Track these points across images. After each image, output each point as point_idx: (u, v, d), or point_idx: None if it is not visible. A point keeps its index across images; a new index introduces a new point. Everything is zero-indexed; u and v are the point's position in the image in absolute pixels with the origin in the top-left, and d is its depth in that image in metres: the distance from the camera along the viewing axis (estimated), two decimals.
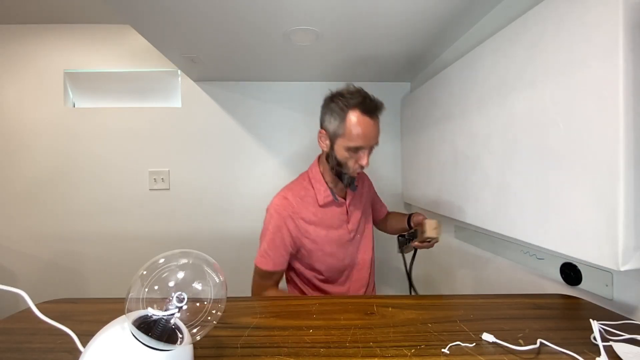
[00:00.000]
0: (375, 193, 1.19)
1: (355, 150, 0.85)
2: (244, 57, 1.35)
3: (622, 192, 0.55)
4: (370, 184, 1.15)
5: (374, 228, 1.17)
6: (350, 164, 0.87)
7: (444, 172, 1.23)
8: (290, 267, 1.00)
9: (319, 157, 0.99)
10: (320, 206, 0.94)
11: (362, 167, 0.88)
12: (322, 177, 0.96)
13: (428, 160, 1.38)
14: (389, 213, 1.23)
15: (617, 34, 0.55)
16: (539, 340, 0.49)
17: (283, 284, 1.03)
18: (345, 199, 0.99)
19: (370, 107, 0.84)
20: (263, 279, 0.92)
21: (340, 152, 0.87)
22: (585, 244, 0.62)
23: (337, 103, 0.85)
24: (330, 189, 0.96)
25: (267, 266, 0.90)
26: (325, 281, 0.98)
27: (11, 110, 1.66)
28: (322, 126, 0.91)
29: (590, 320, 0.53)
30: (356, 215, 1.01)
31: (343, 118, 0.84)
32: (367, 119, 0.83)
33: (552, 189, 0.71)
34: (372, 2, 0.93)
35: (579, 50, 0.63)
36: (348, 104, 0.83)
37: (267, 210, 0.94)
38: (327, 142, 0.90)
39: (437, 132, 1.29)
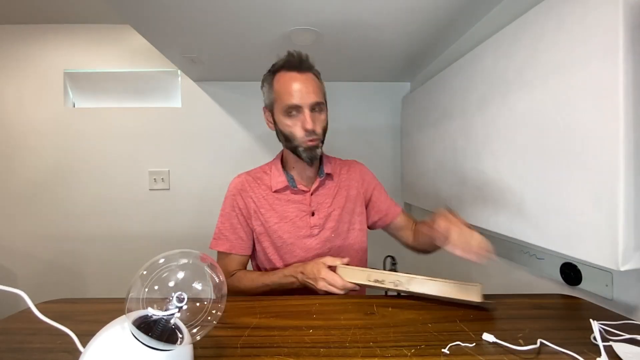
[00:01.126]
0: (378, 189, 0.96)
1: (292, 112, 0.77)
2: (244, 57, 1.35)
3: (622, 192, 0.55)
4: (366, 176, 0.95)
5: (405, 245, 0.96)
6: (296, 131, 0.77)
7: (444, 172, 1.23)
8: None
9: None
10: (273, 192, 0.86)
11: (310, 132, 0.76)
12: (280, 162, 0.89)
13: (428, 160, 1.38)
14: (416, 224, 0.94)
15: (617, 34, 0.55)
16: (539, 340, 0.48)
17: None
18: (309, 188, 0.87)
19: (294, 62, 0.78)
20: (224, 265, 0.85)
21: (281, 122, 0.79)
22: (585, 244, 0.62)
23: (265, 75, 0.83)
24: (289, 174, 0.86)
25: (222, 247, 0.84)
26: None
27: (11, 110, 1.66)
28: (264, 107, 0.87)
29: (590, 320, 0.53)
30: (326, 210, 0.86)
31: (271, 83, 0.81)
32: (294, 74, 0.77)
33: (552, 189, 0.71)
34: (372, 3, 0.93)
35: (579, 50, 0.63)
36: (273, 69, 0.81)
37: (225, 193, 0.90)
38: (270, 117, 0.84)
39: (437, 132, 1.29)
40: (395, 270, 0.74)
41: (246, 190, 0.87)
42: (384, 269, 0.81)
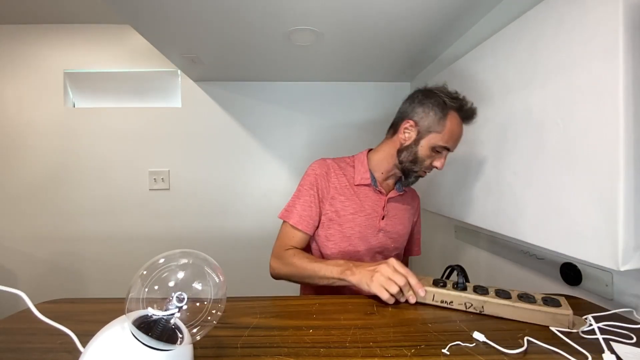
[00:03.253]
0: (418, 224, 1.04)
1: (440, 150, 0.83)
2: (244, 57, 1.35)
3: (622, 192, 0.55)
4: (418, 209, 1.03)
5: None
6: (427, 162, 0.84)
7: (443, 173, 1.23)
8: None
9: (370, 150, 0.95)
10: (355, 185, 0.89)
11: (435, 168, 0.85)
12: (367, 162, 0.91)
13: None
14: None
15: (617, 34, 0.55)
16: (526, 339, 0.49)
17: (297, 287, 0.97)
18: (386, 193, 0.91)
19: (469, 113, 0.84)
20: (285, 237, 0.85)
21: (425, 148, 0.83)
22: (585, 244, 0.62)
23: (438, 99, 0.82)
24: (372, 174, 0.90)
25: (291, 220, 0.84)
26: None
27: (11, 110, 1.66)
28: (409, 117, 0.85)
29: (591, 319, 0.53)
30: (396, 220, 0.92)
31: (444, 116, 0.81)
32: (462, 125, 0.83)
33: (552, 189, 0.71)
34: (372, 3, 0.93)
35: (579, 50, 0.63)
36: (453, 104, 0.81)
37: (305, 171, 0.91)
38: (414, 135, 0.84)
39: None
40: (464, 285, 0.62)
41: (330, 174, 0.89)
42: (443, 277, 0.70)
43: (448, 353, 0.46)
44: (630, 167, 0.55)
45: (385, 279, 0.63)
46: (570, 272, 0.75)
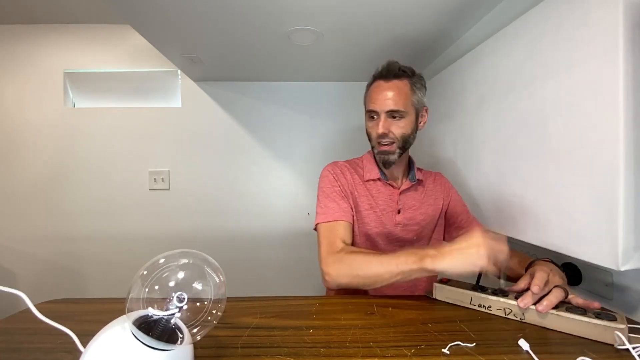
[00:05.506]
0: (461, 204, 0.95)
1: (373, 116, 0.84)
2: (244, 57, 1.35)
3: (622, 192, 0.55)
4: (450, 190, 0.96)
5: None
6: (372, 135, 0.85)
7: (443, 172, 1.23)
8: None
9: None
10: (365, 181, 0.90)
11: (381, 136, 0.82)
12: (373, 158, 0.92)
13: (428, 160, 1.38)
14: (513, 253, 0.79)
15: (617, 34, 0.55)
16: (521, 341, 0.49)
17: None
18: (399, 186, 0.90)
19: (382, 71, 0.84)
20: (329, 236, 0.78)
21: (365, 124, 0.87)
22: (585, 244, 0.62)
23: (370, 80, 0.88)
24: (380, 169, 0.90)
25: (328, 217, 0.80)
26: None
27: (11, 110, 1.66)
28: None
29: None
30: (413, 211, 0.89)
31: (367, 88, 0.87)
32: (380, 82, 0.83)
33: (552, 189, 0.71)
34: (372, 3, 0.93)
35: (579, 50, 0.63)
36: (373, 75, 0.86)
37: (320, 176, 0.92)
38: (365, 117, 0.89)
39: (437, 132, 1.29)
40: (505, 291, 0.60)
41: (344, 173, 0.91)
42: (477, 283, 0.65)
43: (448, 353, 0.46)
44: (630, 167, 0.55)
45: (494, 251, 0.58)
46: (570, 272, 0.75)
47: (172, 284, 0.41)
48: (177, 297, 0.39)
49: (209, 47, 1.25)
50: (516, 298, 0.58)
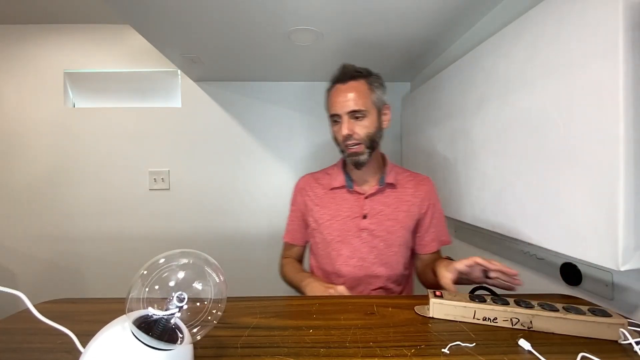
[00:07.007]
0: (430, 215, 0.90)
1: (336, 120, 0.85)
2: (244, 57, 1.35)
3: (622, 192, 0.55)
4: (428, 199, 0.90)
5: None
6: (339, 138, 0.85)
7: (444, 172, 1.23)
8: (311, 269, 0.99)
9: None
10: (330, 189, 0.92)
11: (347, 138, 0.82)
12: (342, 164, 0.95)
13: (428, 160, 1.38)
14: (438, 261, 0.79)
15: (617, 34, 0.55)
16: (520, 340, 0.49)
17: None
18: (368, 190, 0.89)
19: (338, 74, 0.85)
20: (284, 251, 1.02)
21: (331, 132, 0.88)
22: (585, 244, 0.62)
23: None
24: (349, 175, 0.91)
25: (285, 237, 1.00)
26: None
27: (11, 110, 1.66)
28: None
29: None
30: (381, 217, 0.87)
31: (328, 94, 0.88)
32: (338, 86, 0.84)
33: (552, 189, 0.71)
34: (372, 3, 0.93)
35: (579, 50, 0.63)
36: (329, 82, 0.88)
37: None
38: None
39: (437, 132, 1.29)
40: (506, 300, 0.58)
41: (306, 189, 0.97)
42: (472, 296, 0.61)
43: (448, 353, 0.46)
44: (630, 167, 0.55)
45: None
46: (570, 272, 0.75)
47: (172, 283, 0.41)
48: (177, 297, 0.39)
49: (209, 47, 1.25)
50: (516, 303, 0.56)
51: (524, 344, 0.48)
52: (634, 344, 0.47)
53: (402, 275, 0.91)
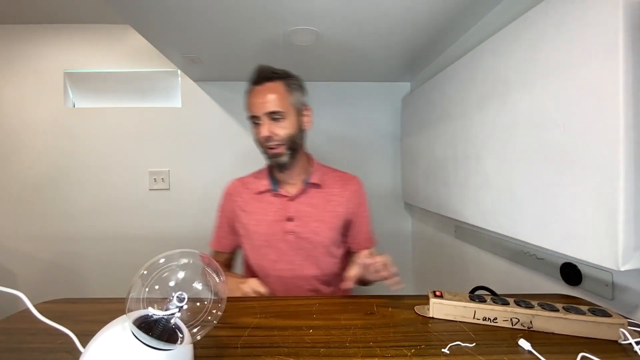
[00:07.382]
0: (364, 217, 0.94)
1: (256, 122, 0.84)
2: (244, 57, 1.35)
3: (622, 192, 0.55)
4: (359, 199, 0.93)
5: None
6: (260, 140, 0.85)
7: (444, 172, 1.23)
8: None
9: None
10: (255, 194, 0.92)
11: (267, 139, 0.82)
12: (266, 170, 0.96)
13: (428, 160, 1.38)
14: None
15: (617, 34, 0.55)
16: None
17: None
18: (293, 192, 0.89)
19: (254, 76, 0.85)
20: (214, 258, 0.93)
21: (253, 134, 0.88)
22: (585, 244, 0.62)
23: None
24: (274, 178, 0.92)
25: (212, 245, 0.98)
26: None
27: (11, 110, 1.66)
28: None
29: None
30: (307, 218, 0.87)
31: (246, 95, 0.87)
32: (254, 87, 0.84)
33: (552, 189, 0.71)
34: (372, 3, 0.93)
35: (579, 50, 0.63)
36: (247, 84, 0.87)
37: None
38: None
39: (437, 132, 1.29)
40: (505, 299, 0.58)
41: (233, 194, 0.95)
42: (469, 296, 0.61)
43: (448, 353, 0.46)
44: (630, 167, 0.55)
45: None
46: (570, 272, 0.75)
47: (172, 283, 0.41)
48: (177, 297, 0.39)
49: (209, 47, 1.25)
50: (516, 303, 0.56)
51: (524, 344, 0.48)
52: (634, 344, 0.47)
53: (335, 275, 0.92)
